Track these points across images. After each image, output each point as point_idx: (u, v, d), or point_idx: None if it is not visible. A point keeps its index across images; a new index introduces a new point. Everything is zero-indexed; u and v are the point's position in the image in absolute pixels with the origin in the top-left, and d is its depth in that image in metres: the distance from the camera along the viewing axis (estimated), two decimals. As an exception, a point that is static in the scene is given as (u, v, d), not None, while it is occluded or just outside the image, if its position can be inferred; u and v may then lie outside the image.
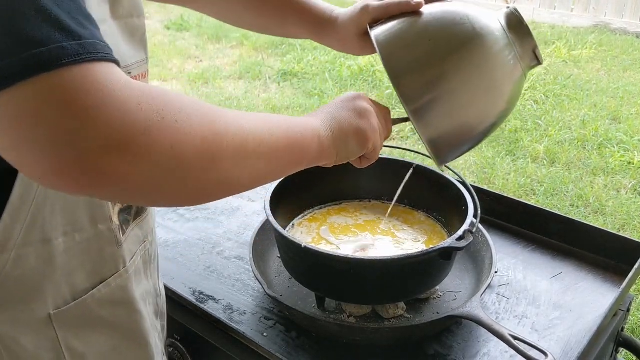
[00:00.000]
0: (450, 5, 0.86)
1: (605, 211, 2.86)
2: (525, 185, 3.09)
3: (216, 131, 0.56)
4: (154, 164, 0.50)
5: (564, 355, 0.95)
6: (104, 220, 0.71)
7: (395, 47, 0.82)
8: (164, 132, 0.50)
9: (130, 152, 0.49)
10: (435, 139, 0.82)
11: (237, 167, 0.59)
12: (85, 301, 0.72)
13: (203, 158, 0.54)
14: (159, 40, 5.54)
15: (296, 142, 0.69)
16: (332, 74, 4.59)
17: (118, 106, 0.48)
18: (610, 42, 5.32)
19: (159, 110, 0.51)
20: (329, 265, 0.95)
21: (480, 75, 0.80)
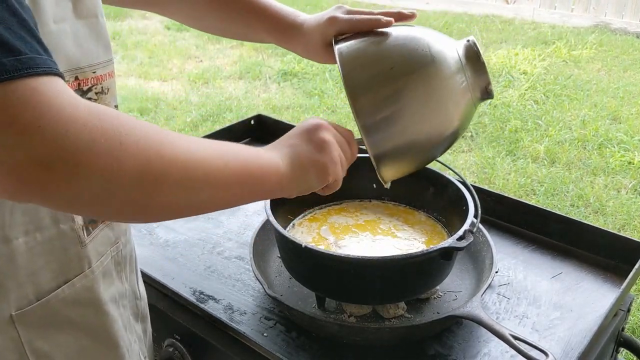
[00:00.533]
0: (414, 30, 0.89)
1: (605, 211, 2.86)
2: (526, 185, 3.09)
3: (163, 157, 0.56)
4: (95, 183, 0.51)
5: (564, 355, 0.95)
6: (66, 220, 0.71)
7: (356, 65, 0.85)
8: (107, 153, 0.51)
9: (70, 170, 0.49)
10: (381, 155, 0.85)
11: (182, 193, 0.59)
12: (49, 301, 0.72)
13: (145, 182, 0.55)
14: (159, 41, 5.55)
15: (252, 176, 0.69)
16: (332, 74, 4.59)
17: (62, 124, 0.49)
18: (611, 42, 5.32)
19: (104, 131, 0.51)
20: (329, 265, 0.95)
21: (431, 100, 0.84)
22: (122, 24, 5.99)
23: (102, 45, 0.75)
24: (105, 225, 0.79)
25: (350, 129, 0.88)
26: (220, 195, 0.65)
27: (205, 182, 0.61)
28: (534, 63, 4.69)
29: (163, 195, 0.58)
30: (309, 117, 0.87)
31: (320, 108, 4.06)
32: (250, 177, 0.68)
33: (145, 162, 0.54)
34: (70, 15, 0.69)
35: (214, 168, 0.63)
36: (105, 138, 0.51)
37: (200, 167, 0.61)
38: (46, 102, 0.48)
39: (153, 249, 1.24)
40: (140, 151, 0.54)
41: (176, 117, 4.00)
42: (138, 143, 0.54)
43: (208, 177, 0.62)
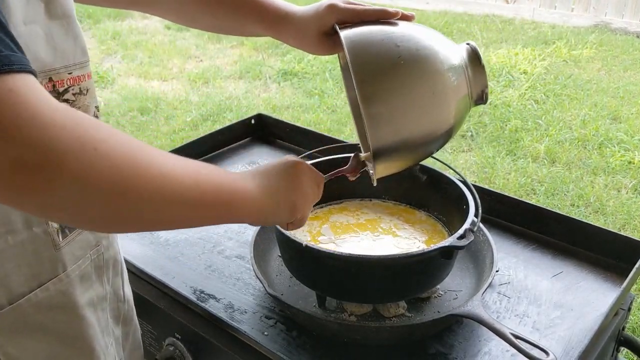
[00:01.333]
0: (420, 27, 0.89)
1: (605, 211, 2.86)
2: (526, 185, 3.09)
3: (135, 168, 0.56)
4: (68, 188, 0.51)
5: (565, 354, 0.95)
6: (39, 223, 0.71)
7: (364, 52, 0.84)
8: (81, 158, 0.51)
9: (44, 172, 0.49)
10: (380, 149, 0.84)
11: (150, 207, 0.59)
12: (20, 305, 0.71)
13: (115, 191, 0.55)
14: (159, 40, 5.54)
15: (222, 200, 0.68)
16: (332, 74, 4.59)
17: (40, 126, 0.49)
18: (611, 41, 5.31)
19: (80, 136, 0.51)
20: (330, 264, 0.95)
21: (434, 97, 0.85)
22: (122, 23, 5.99)
23: (78, 47, 0.74)
24: None
25: (322, 174, 0.90)
26: (187, 214, 0.64)
27: (174, 200, 0.61)
28: (534, 63, 4.69)
29: (132, 208, 0.57)
30: (288, 155, 0.86)
31: (320, 108, 4.06)
32: (220, 201, 0.68)
33: (117, 171, 0.54)
34: (42, 16, 0.68)
35: (185, 187, 0.62)
36: (81, 142, 0.51)
37: (172, 184, 0.60)
38: (23, 104, 0.48)
39: (154, 248, 1.24)
40: (113, 160, 0.54)
41: (176, 116, 4.00)
42: (111, 152, 0.54)
43: (177, 195, 0.61)
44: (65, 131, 0.50)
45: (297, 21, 0.93)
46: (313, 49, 0.95)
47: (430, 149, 0.91)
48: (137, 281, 1.13)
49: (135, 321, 0.97)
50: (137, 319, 0.98)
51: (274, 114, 3.86)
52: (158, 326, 1.11)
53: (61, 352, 0.77)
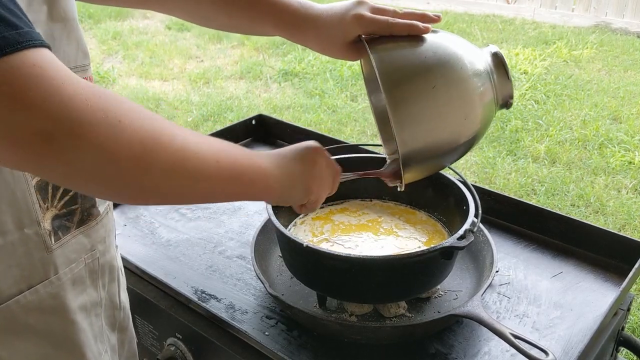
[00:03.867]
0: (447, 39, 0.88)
1: (605, 211, 2.86)
2: (526, 185, 3.09)
3: (158, 141, 0.58)
4: (93, 157, 0.53)
5: (564, 354, 0.95)
6: (31, 225, 0.70)
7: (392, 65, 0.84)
8: (105, 128, 0.53)
9: (70, 142, 0.52)
10: (409, 153, 0.84)
11: (171, 181, 0.61)
12: (8, 307, 0.70)
13: (138, 163, 0.57)
14: (160, 41, 5.55)
15: (242, 176, 0.71)
16: (333, 74, 4.59)
17: (65, 99, 0.51)
18: (611, 42, 5.31)
19: (104, 108, 0.54)
20: (330, 264, 0.96)
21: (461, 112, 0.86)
22: (123, 23, 5.99)
23: (80, 50, 0.75)
24: (80, 232, 0.78)
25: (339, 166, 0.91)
26: (207, 189, 0.67)
27: (195, 175, 0.63)
28: (535, 63, 4.69)
29: (154, 180, 0.59)
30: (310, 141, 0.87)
31: (321, 108, 4.07)
32: (239, 177, 0.70)
33: (140, 144, 0.56)
34: (44, 19, 0.68)
35: (206, 162, 0.64)
36: (105, 114, 0.53)
37: (194, 159, 0.62)
38: (47, 77, 0.50)
39: (155, 249, 1.24)
40: (136, 133, 0.56)
41: (177, 116, 4.01)
42: (134, 125, 0.56)
43: (198, 170, 0.63)
44: (88, 103, 0.52)
45: (320, 26, 0.89)
46: (337, 55, 0.92)
47: (456, 154, 0.91)
48: (139, 281, 1.13)
49: (131, 329, 0.96)
50: (132, 327, 0.98)
51: (275, 114, 3.86)
52: (159, 326, 1.11)
53: (52, 355, 0.76)
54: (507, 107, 0.91)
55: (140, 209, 1.39)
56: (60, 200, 0.74)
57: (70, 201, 0.75)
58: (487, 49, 0.91)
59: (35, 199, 0.70)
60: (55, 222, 0.73)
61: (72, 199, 0.76)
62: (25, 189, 0.69)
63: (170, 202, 0.69)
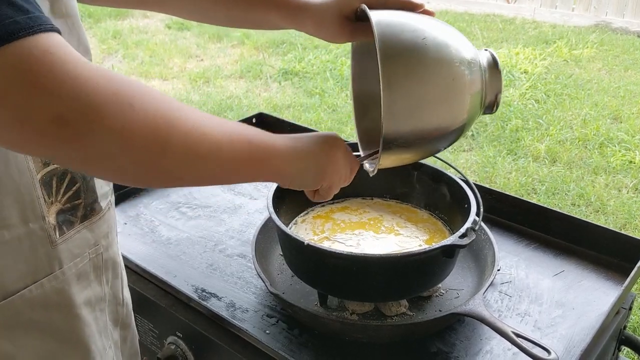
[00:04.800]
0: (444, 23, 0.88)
1: (606, 210, 2.86)
2: (527, 184, 3.09)
3: (171, 123, 0.58)
4: (106, 141, 0.54)
5: (566, 352, 0.95)
6: (35, 219, 0.70)
7: (392, 34, 0.82)
8: (118, 111, 0.53)
9: (83, 125, 0.52)
10: (391, 134, 0.81)
11: (185, 163, 0.62)
12: (14, 301, 0.70)
13: (152, 145, 0.57)
14: (160, 40, 5.54)
15: (255, 157, 0.71)
16: (333, 73, 4.59)
17: (77, 83, 0.51)
18: (612, 41, 5.31)
19: (115, 91, 0.53)
20: (331, 262, 0.95)
21: (453, 93, 0.84)
22: (123, 22, 5.99)
23: (82, 46, 0.74)
24: (84, 227, 0.78)
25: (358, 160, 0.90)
26: (220, 171, 0.67)
27: (209, 156, 0.63)
28: (535, 62, 4.68)
29: (167, 162, 0.60)
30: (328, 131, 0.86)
31: (321, 107, 4.06)
32: (253, 158, 0.70)
33: (153, 127, 0.56)
34: (47, 14, 0.66)
35: (220, 143, 0.64)
36: (117, 98, 0.53)
37: (207, 141, 0.63)
38: (59, 61, 0.50)
39: (155, 247, 1.24)
40: (149, 116, 0.56)
41: (177, 116, 4.00)
42: (147, 107, 0.56)
43: (212, 151, 0.64)
44: (100, 86, 0.52)
45: (317, 6, 0.92)
46: (331, 34, 0.92)
47: (439, 145, 0.89)
48: (139, 280, 1.13)
49: (133, 327, 0.96)
50: (134, 324, 0.98)
51: (275, 113, 3.86)
52: (160, 325, 1.11)
53: (57, 350, 0.76)
54: (493, 109, 0.89)
55: (141, 207, 1.38)
56: (64, 195, 0.74)
57: (73, 196, 0.75)
58: (482, 50, 0.91)
59: (40, 194, 0.70)
60: (60, 216, 0.73)
61: (76, 193, 0.76)
62: (30, 183, 0.69)
63: (186, 184, 0.70)
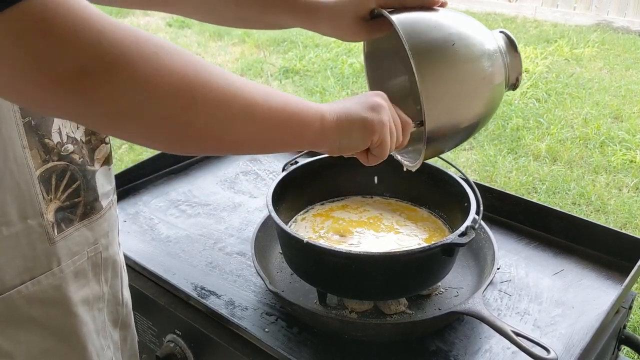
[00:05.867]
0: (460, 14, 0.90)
1: (607, 209, 2.86)
2: (527, 184, 3.09)
3: (200, 74, 0.55)
4: (132, 91, 0.51)
5: (566, 351, 0.95)
6: (34, 216, 0.70)
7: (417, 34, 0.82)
8: (143, 60, 0.51)
9: (107, 75, 0.50)
10: (434, 128, 0.83)
11: (220, 118, 0.58)
12: (11, 297, 0.69)
13: (182, 97, 0.54)
14: (161, 37, 5.54)
15: (293, 117, 0.66)
16: (333, 72, 4.59)
17: (95, 32, 0.49)
18: (613, 40, 5.31)
19: (137, 41, 0.51)
20: (330, 260, 0.95)
21: (482, 82, 0.86)
22: (124, 21, 5.99)
23: None
24: (83, 225, 0.77)
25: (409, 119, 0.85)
26: (256, 133, 0.63)
27: (243, 114, 0.59)
28: (536, 61, 4.68)
29: (198, 118, 0.56)
30: None
31: (321, 105, 4.06)
32: (291, 119, 0.66)
33: (181, 77, 0.53)
34: None
35: (253, 101, 0.60)
36: (140, 47, 0.51)
37: (240, 96, 0.59)
38: (74, 12, 0.49)
39: (155, 245, 1.24)
40: (175, 66, 0.53)
41: (177, 114, 4.00)
42: (173, 57, 0.54)
43: (246, 108, 0.59)
44: (120, 34, 0.50)
45: (332, 7, 0.89)
46: (347, 33, 0.91)
47: (469, 133, 0.91)
48: (138, 278, 1.13)
49: (133, 327, 0.95)
50: (134, 325, 0.97)
51: (275, 111, 3.85)
52: (159, 323, 1.11)
53: (54, 347, 0.76)
54: (515, 87, 0.91)
55: (140, 205, 1.38)
56: (63, 192, 0.74)
57: (73, 194, 0.75)
58: (496, 31, 0.91)
59: (39, 190, 0.70)
60: (59, 214, 0.73)
61: (75, 191, 0.75)
62: (29, 179, 0.69)
63: (217, 149, 0.65)
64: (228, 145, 0.64)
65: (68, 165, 0.73)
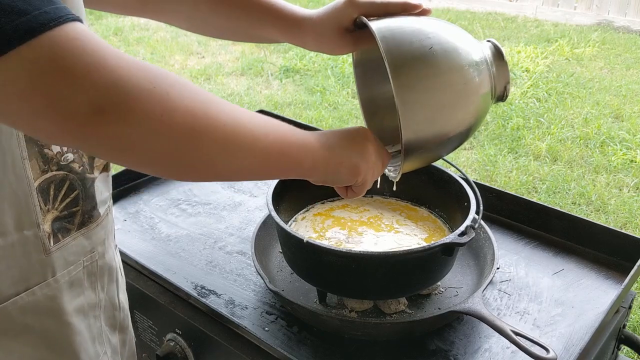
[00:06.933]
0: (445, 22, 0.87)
1: (607, 209, 2.86)
2: (527, 183, 3.09)
3: (209, 113, 0.58)
4: (144, 128, 0.53)
5: (565, 351, 0.95)
6: (30, 226, 0.70)
7: (396, 42, 0.81)
8: (155, 99, 0.53)
9: (121, 114, 0.51)
10: (412, 140, 0.81)
11: (222, 155, 0.61)
12: (6, 308, 0.69)
13: (191, 135, 0.56)
14: (161, 37, 5.54)
15: (289, 153, 0.70)
16: (334, 71, 4.59)
17: (109, 70, 0.50)
18: (613, 40, 5.31)
19: (150, 79, 0.53)
20: (330, 260, 0.95)
21: (463, 91, 0.83)
22: (124, 19, 5.99)
23: None
24: (81, 234, 0.77)
25: (389, 153, 0.89)
26: (257, 164, 0.66)
27: (245, 149, 0.63)
28: (537, 61, 4.68)
29: (205, 153, 0.59)
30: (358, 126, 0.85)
31: (322, 105, 4.06)
32: (288, 153, 0.70)
33: (191, 116, 0.56)
34: None
35: (255, 137, 0.64)
36: (152, 85, 0.53)
37: (243, 132, 0.62)
38: (88, 49, 0.50)
39: (155, 244, 1.24)
40: (186, 105, 0.56)
41: (178, 113, 4.00)
42: (183, 96, 0.56)
43: (248, 144, 0.63)
44: (134, 74, 0.52)
45: (315, 21, 0.91)
46: (332, 47, 0.92)
47: (453, 144, 0.89)
48: (138, 277, 1.13)
49: (131, 329, 0.95)
50: (132, 327, 0.97)
51: (276, 110, 3.86)
52: (159, 322, 1.11)
53: (46, 357, 0.75)
54: (504, 98, 0.89)
55: (140, 204, 1.38)
56: (61, 202, 0.73)
57: (71, 203, 0.75)
58: (484, 41, 0.90)
59: (37, 201, 0.70)
60: (56, 224, 0.73)
61: (74, 201, 0.75)
62: (27, 190, 0.68)
63: (219, 178, 0.69)
64: (226, 176, 0.69)
65: (67, 175, 0.73)
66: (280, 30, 0.94)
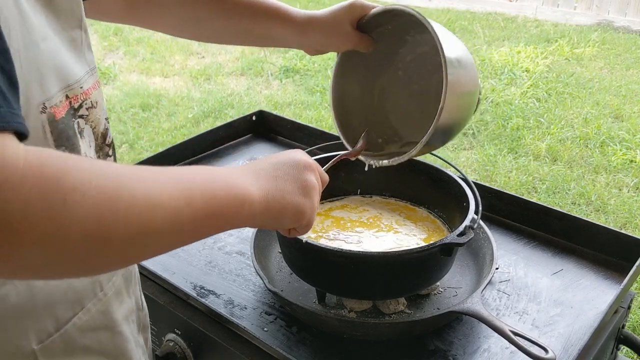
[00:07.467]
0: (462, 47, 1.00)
1: (607, 209, 2.86)
2: (527, 183, 3.09)
3: (116, 208, 0.51)
4: (35, 252, 0.47)
5: (564, 351, 0.95)
6: None
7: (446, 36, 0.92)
8: (46, 218, 0.46)
9: (10, 242, 0.45)
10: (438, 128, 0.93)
11: (139, 244, 0.54)
12: (67, 331, 0.70)
13: (93, 243, 0.50)
14: (161, 37, 5.54)
15: (220, 211, 0.62)
16: (334, 71, 4.58)
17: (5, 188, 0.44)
18: (613, 40, 5.30)
19: (45, 190, 0.46)
20: (329, 260, 0.95)
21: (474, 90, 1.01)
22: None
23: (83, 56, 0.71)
24: None
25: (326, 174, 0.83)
26: (179, 238, 0.60)
27: (166, 228, 0.55)
28: (537, 61, 4.68)
29: (117, 251, 0.53)
30: (295, 150, 0.78)
31: (322, 105, 4.06)
32: (218, 213, 0.62)
33: (94, 222, 0.49)
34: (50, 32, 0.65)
35: (177, 210, 0.56)
36: (45, 199, 0.46)
37: (160, 212, 0.54)
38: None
39: (154, 244, 1.24)
40: (88, 210, 0.48)
41: (178, 113, 4.00)
42: (86, 199, 0.48)
43: (168, 221, 0.55)
44: (25, 188, 0.45)
45: (327, 17, 0.96)
46: (340, 43, 0.99)
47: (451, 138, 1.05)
48: (138, 277, 1.13)
49: (149, 327, 0.97)
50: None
51: (276, 110, 3.86)
52: (158, 322, 1.11)
53: None
54: None
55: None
56: None
57: None
58: None
59: None
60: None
61: None
62: None
63: (142, 260, 0.63)
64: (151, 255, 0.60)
65: None
66: (286, 29, 0.96)
